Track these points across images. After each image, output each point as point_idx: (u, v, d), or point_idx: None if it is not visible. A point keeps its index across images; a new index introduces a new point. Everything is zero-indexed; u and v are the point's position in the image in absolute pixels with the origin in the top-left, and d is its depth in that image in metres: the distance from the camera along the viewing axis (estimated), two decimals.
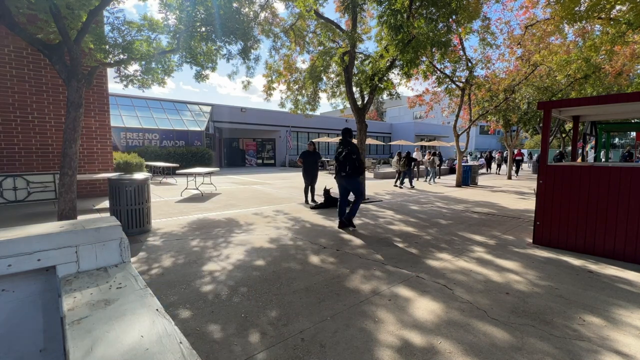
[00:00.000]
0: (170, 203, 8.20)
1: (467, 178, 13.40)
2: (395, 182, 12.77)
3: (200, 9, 6.37)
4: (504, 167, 24.97)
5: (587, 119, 6.17)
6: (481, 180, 15.95)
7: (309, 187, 8.41)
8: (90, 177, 7.59)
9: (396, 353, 2.22)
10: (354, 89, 9.12)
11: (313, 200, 8.36)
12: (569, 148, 20.58)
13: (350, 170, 5.46)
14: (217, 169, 13.74)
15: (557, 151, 18.37)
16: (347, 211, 5.72)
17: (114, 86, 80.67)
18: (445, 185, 13.31)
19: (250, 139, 26.55)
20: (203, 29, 6.65)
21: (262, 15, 9.14)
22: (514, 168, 19.88)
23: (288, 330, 2.49)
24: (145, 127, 17.86)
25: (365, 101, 8.98)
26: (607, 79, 13.17)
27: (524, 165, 27.51)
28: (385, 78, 8.57)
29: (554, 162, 7.30)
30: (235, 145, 26.71)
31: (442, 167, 13.55)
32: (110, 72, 11.46)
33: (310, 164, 8.29)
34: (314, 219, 6.54)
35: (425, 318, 2.68)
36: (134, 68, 6.33)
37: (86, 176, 7.62)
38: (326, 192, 7.97)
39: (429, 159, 14.29)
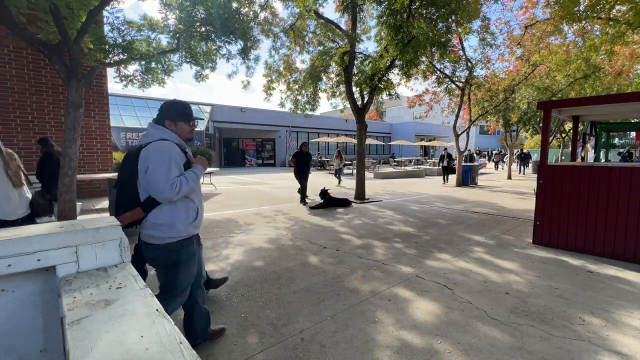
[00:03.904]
0: None
1: (467, 178, 13.41)
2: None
3: (200, 9, 6.37)
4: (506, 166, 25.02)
5: (587, 119, 6.17)
6: (481, 180, 15.95)
7: (302, 187, 8.41)
8: (90, 177, 7.58)
9: (396, 353, 2.22)
10: (354, 89, 9.12)
11: (304, 200, 8.39)
12: (569, 149, 20.59)
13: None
14: (217, 169, 13.73)
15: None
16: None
17: (114, 86, 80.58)
18: (445, 185, 13.31)
19: (250, 139, 26.55)
20: (203, 28, 6.64)
21: (262, 15, 9.14)
22: (516, 166, 20.04)
23: (288, 330, 2.49)
24: (145, 127, 17.87)
25: (365, 101, 8.98)
26: (606, 79, 13.18)
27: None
28: (385, 78, 8.57)
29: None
30: (235, 145, 26.71)
31: (450, 166, 13.95)
32: (110, 72, 11.46)
33: (303, 164, 8.30)
34: (313, 219, 6.54)
35: (425, 318, 2.68)
36: (133, 68, 6.32)
37: (86, 176, 7.61)
38: (324, 192, 7.96)
39: (337, 157, 14.22)
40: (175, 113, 1.98)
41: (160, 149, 1.84)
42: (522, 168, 20.59)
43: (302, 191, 8.43)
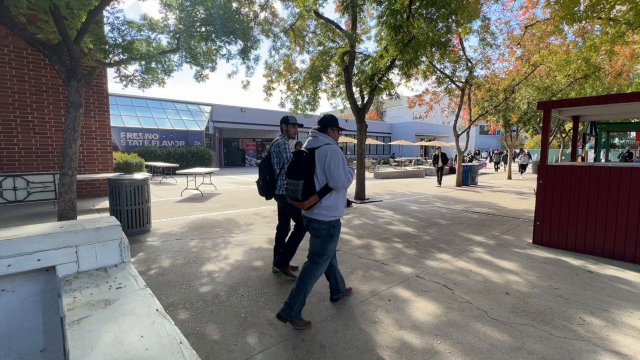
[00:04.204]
0: (170, 203, 8.20)
1: (467, 178, 13.41)
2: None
3: (200, 9, 6.37)
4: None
5: (587, 119, 6.17)
6: (481, 180, 15.95)
7: None
8: (90, 177, 7.59)
9: (396, 353, 2.22)
10: (354, 89, 9.12)
11: None
12: (569, 149, 20.59)
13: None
14: (217, 169, 13.72)
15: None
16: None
17: (114, 86, 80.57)
18: (445, 185, 13.31)
19: (250, 139, 26.55)
20: (203, 29, 6.65)
21: (262, 15, 9.14)
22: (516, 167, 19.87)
23: (288, 330, 2.49)
24: (145, 127, 17.87)
25: (365, 101, 8.98)
26: (606, 79, 13.18)
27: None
28: (385, 78, 8.57)
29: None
30: (235, 145, 26.71)
31: (444, 166, 13.63)
32: (110, 72, 11.48)
33: None
34: None
35: (425, 318, 2.68)
36: (133, 68, 6.33)
37: (86, 176, 7.62)
38: None
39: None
40: (332, 123, 2.63)
41: (335, 151, 2.47)
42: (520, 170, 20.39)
43: None
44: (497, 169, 23.86)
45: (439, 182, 13.43)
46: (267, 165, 3.43)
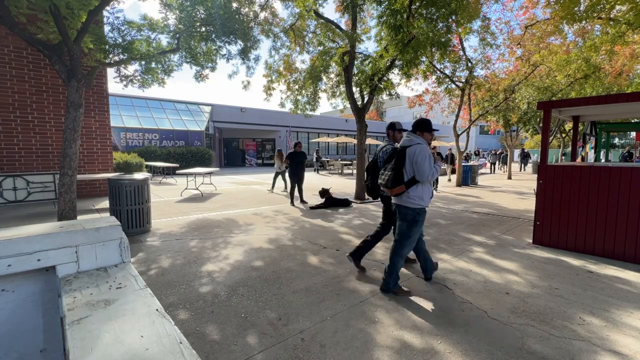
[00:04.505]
0: (170, 203, 8.20)
1: (467, 178, 13.40)
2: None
3: (200, 9, 6.38)
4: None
5: (587, 119, 6.17)
6: (481, 180, 15.95)
7: (298, 188, 8.36)
8: (90, 177, 7.59)
9: (396, 353, 2.22)
10: (354, 89, 9.12)
11: (302, 201, 8.34)
12: (569, 148, 20.59)
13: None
14: (217, 169, 13.72)
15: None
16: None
17: (114, 86, 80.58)
18: (445, 186, 13.31)
19: (250, 139, 26.55)
20: (203, 29, 6.65)
21: (262, 15, 9.14)
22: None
23: (288, 330, 2.49)
24: (145, 127, 17.86)
25: (365, 101, 8.98)
26: (607, 79, 13.17)
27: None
28: (385, 78, 8.57)
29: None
30: (235, 145, 26.71)
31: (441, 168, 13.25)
32: (110, 72, 11.48)
33: (297, 165, 8.18)
34: (313, 219, 6.55)
35: (425, 318, 2.68)
36: (133, 68, 6.33)
37: (86, 176, 7.62)
38: (325, 192, 7.96)
39: None
40: (423, 126, 3.11)
41: (423, 149, 2.94)
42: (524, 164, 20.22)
43: (298, 192, 8.39)
44: (492, 169, 23.57)
45: (435, 183, 12.95)
46: (374, 169, 3.77)
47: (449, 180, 12.98)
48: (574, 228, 4.44)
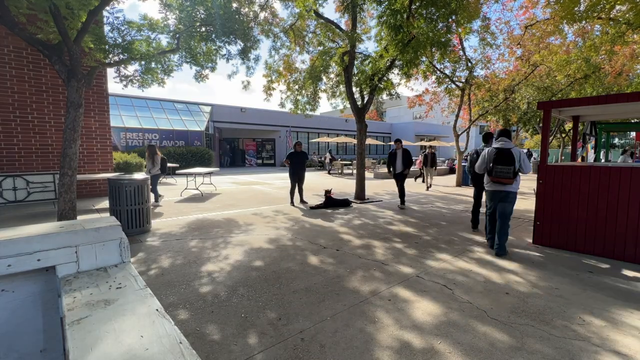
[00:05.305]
0: (170, 203, 8.20)
1: (467, 178, 13.39)
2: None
3: (200, 9, 6.38)
4: None
5: (587, 119, 6.17)
6: None
7: (298, 188, 8.34)
8: (90, 177, 7.59)
9: (396, 353, 2.22)
10: (354, 89, 9.12)
11: (302, 201, 8.33)
12: (569, 148, 20.58)
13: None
14: (217, 169, 13.73)
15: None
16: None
17: (114, 86, 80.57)
18: (445, 185, 13.31)
19: (250, 139, 26.54)
20: (203, 29, 6.65)
21: (262, 15, 9.14)
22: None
23: (288, 330, 2.49)
24: (145, 127, 17.86)
25: (365, 101, 8.98)
26: (607, 79, 13.17)
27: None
28: (385, 78, 8.57)
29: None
30: (235, 145, 26.71)
31: (438, 168, 12.89)
32: (110, 72, 11.47)
33: (297, 165, 8.15)
34: (313, 219, 6.55)
35: (425, 318, 2.68)
36: (133, 68, 6.33)
37: (86, 176, 7.62)
38: (327, 192, 7.97)
39: None
40: (509, 134, 4.36)
41: (521, 151, 4.19)
42: None
43: (298, 192, 8.38)
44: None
45: (424, 181, 12.46)
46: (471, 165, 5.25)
47: (417, 181, 12.77)
48: (574, 228, 4.44)
